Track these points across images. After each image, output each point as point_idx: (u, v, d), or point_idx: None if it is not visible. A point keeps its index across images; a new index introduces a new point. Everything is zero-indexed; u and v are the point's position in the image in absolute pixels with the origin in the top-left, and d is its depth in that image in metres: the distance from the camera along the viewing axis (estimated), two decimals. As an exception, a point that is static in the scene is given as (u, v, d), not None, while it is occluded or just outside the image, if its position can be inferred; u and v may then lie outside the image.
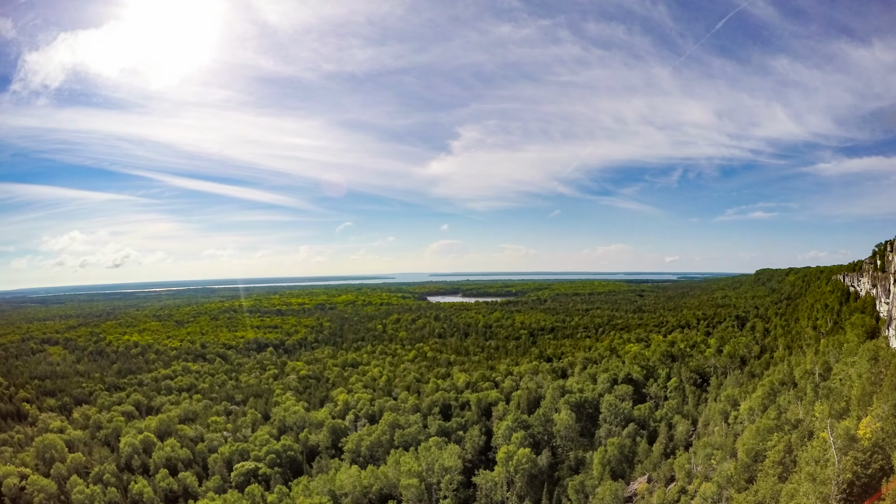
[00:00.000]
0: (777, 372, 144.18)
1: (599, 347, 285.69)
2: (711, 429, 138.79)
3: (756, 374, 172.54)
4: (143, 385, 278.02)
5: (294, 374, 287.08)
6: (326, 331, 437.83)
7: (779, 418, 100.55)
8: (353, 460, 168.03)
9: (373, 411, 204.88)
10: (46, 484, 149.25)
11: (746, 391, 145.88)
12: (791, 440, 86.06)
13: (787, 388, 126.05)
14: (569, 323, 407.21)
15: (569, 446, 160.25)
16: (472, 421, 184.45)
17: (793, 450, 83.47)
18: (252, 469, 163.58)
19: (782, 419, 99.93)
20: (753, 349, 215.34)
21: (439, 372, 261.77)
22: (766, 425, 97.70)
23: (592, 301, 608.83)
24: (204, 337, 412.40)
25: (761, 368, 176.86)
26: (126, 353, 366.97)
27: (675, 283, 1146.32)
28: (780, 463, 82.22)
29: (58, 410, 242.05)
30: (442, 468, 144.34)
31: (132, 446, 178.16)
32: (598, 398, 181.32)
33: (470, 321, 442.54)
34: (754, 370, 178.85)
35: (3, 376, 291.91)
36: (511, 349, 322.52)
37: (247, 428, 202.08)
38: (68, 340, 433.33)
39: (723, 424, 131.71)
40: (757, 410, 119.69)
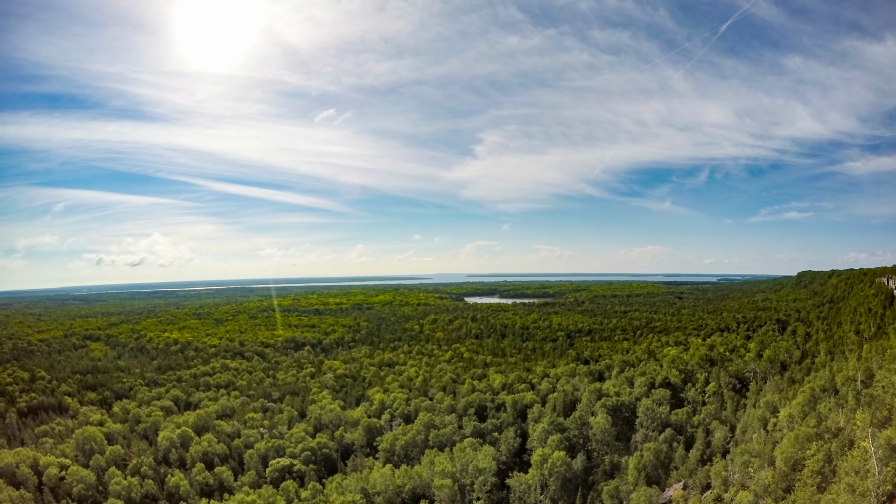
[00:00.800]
0: (818, 378, 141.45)
1: (637, 350, 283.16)
2: (749, 436, 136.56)
3: (796, 379, 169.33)
4: (182, 381, 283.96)
5: (331, 372, 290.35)
6: (364, 330, 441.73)
7: (819, 426, 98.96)
8: (388, 459, 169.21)
9: (408, 411, 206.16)
10: (85, 474, 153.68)
11: (786, 397, 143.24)
12: (831, 449, 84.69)
13: (828, 394, 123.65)
14: (606, 325, 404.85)
15: (604, 450, 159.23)
16: (507, 423, 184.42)
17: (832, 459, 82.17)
18: (287, 465, 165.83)
19: (822, 427, 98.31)
20: (794, 354, 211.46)
21: (475, 373, 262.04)
22: (806, 433, 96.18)
23: (630, 303, 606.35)
24: (242, 335, 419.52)
25: (802, 374, 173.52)
26: (166, 350, 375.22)
27: (715, 285, 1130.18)
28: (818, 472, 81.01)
29: (98, 404, 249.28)
30: (476, 469, 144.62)
31: (170, 440, 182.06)
32: (635, 402, 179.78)
33: (507, 322, 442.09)
34: (795, 376, 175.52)
35: (46, 370, 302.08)
36: (548, 351, 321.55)
37: (283, 425, 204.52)
38: (110, 337, 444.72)
39: (761, 431, 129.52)
40: (796, 418, 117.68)
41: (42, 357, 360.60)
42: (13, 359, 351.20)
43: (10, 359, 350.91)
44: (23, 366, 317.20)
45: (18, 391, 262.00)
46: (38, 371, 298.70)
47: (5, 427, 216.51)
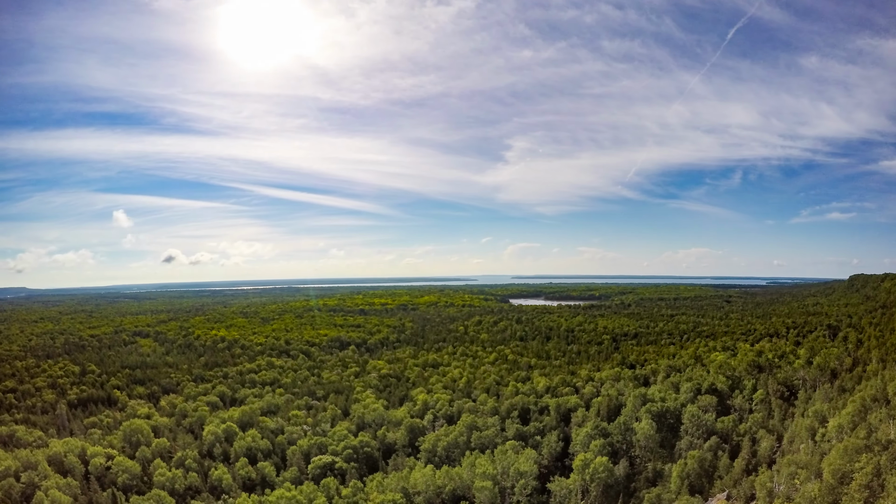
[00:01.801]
0: (869, 387, 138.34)
1: (684, 355, 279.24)
2: (797, 446, 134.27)
3: (847, 388, 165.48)
4: (228, 378, 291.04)
5: (375, 372, 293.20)
6: (408, 331, 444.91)
7: (869, 438, 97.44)
8: (429, 460, 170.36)
9: (451, 412, 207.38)
10: (131, 465, 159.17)
11: (836, 407, 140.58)
12: (880, 462, 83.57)
13: (880, 405, 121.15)
14: (653, 329, 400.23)
15: (647, 457, 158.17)
16: (550, 426, 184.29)
17: (882, 473, 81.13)
18: (329, 463, 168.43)
19: (872, 439, 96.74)
20: (845, 361, 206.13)
21: (519, 375, 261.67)
22: (855, 445, 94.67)
23: (678, 306, 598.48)
24: (288, 334, 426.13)
25: (853, 383, 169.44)
26: (213, 347, 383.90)
27: (764, 288, 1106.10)
28: (867, 486, 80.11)
29: (146, 398, 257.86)
30: (517, 472, 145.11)
31: (215, 435, 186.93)
32: (681, 408, 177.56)
33: (552, 325, 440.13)
34: (845, 384, 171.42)
35: (97, 365, 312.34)
36: (593, 354, 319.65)
37: (326, 423, 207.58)
38: (158, 333, 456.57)
39: (809, 442, 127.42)
40: (846, 428, 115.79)
41: (93, 352, 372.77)
42: (65, 353, 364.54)
43: (61, 353, 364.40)
44: (74, 360, 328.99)
45: (69, 384, 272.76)
46: (89, 365, 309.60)
47: (56, 417, 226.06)
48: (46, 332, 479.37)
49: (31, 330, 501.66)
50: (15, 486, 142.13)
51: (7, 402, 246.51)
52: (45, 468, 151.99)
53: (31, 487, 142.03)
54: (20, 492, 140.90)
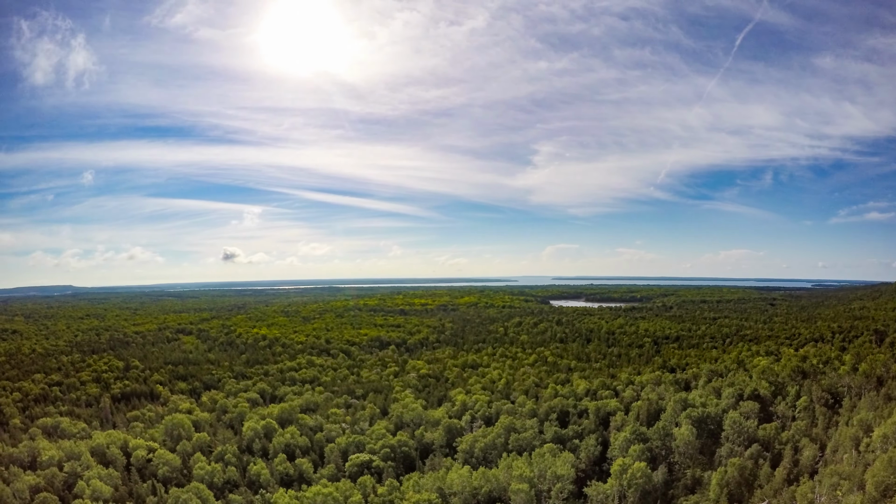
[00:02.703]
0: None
1: (726, 359, 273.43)
2: (840, 456, 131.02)
3: (893, 397, 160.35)
4: (269, 375, 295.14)
5: (414, 372, 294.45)
6: (448, 331, 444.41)
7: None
8: (466, 461, 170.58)
9: (489, 413, 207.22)
10: (171, 458, 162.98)
11: (881, 416, 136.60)
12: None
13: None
14: (695, 332, 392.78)
15: (687, 463, 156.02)
16: (588, 430, 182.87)
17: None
18: (366, 461, 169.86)
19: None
20: (892, 368, 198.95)
21: (559, 377, 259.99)
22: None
23: (720, 309, 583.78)
24: (329, 333, 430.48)
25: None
26: (254, 345, 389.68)
27: (809, 291, 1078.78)
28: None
29: (188, 393, 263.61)
30: (554, 476, 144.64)
31: (254, 431, 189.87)
32: (722, 414, 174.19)
33: (592, 326, 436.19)
34: (892, 392, 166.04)
35: (140, 360, 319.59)
36: (634, 357, 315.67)
37: (364, 421, 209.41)
38: (201, 331, 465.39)
39: (853, 452, 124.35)
40: (891, 438, 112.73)
41: (136, 348, 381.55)
42: (109, 349, 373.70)
43: (106, 349, 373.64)
44: (118, 355, 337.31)
45: (113, 378, 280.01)
46: (133, 361, 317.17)
47: (99, 410, 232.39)
48: (92, 329, 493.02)
49: (77, 326, 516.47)
50: (58, 475, 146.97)
51: (52, 394, 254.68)
52: (87, 459, 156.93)
53: (74, 477, 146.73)
54: (63, 481, 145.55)
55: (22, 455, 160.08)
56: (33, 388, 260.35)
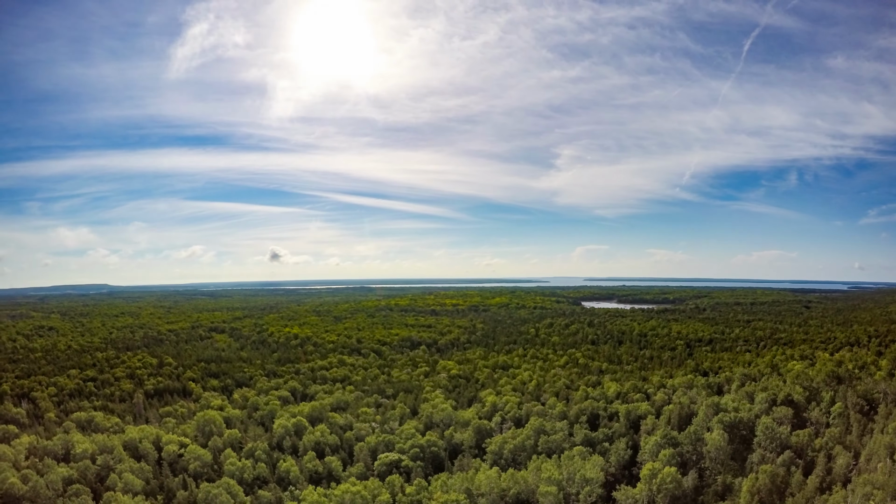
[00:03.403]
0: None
1: (760, 363, 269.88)
2: (874, 465, 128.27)
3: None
4: (300, 374, 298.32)
5: (445, 372, 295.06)
6: (479, 332, 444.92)
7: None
8: (495, 462, 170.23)
9: (519, 415, 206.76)
10: (203, 453, 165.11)
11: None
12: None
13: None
14: (728, 335, 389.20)
15: (717, 469, 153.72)
16: (619, 433, 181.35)
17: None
18: (395, 460, 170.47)
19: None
20: None
21: (590, 380, 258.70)
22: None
23: (754, 311, 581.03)
24: (360, 332, 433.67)
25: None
26: (286, 344, 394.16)
27: (845, 293, 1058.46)
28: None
29: (220, 391, 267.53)
30: (583, 479, 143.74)
31: (285, 428, 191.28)
32: (754, 419, 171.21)
33: (624, 329, 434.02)
34: None
35: (173, 357, 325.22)
36: (666, 360, 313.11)
37: (394, 421, 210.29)
38: (234, 329, 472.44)
39: (887, 461, 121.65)
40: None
41: (170, 345, 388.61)
42: (144, 346, 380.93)
43: (140, 346, 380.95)
44: (152, 352, 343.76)
45: (147, 375, 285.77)
46: (166, 358, 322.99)
47: (133, 406, 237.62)
48: (127, 326, 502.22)
49: (113, 324, 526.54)
50: (91, 467, 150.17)
51: (87, 389, 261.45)
52: (120, 452, 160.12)
53: (106, 470, 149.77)
54: (95, 473, 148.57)
55: (56, 448, 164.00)
56: (68, 383, 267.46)
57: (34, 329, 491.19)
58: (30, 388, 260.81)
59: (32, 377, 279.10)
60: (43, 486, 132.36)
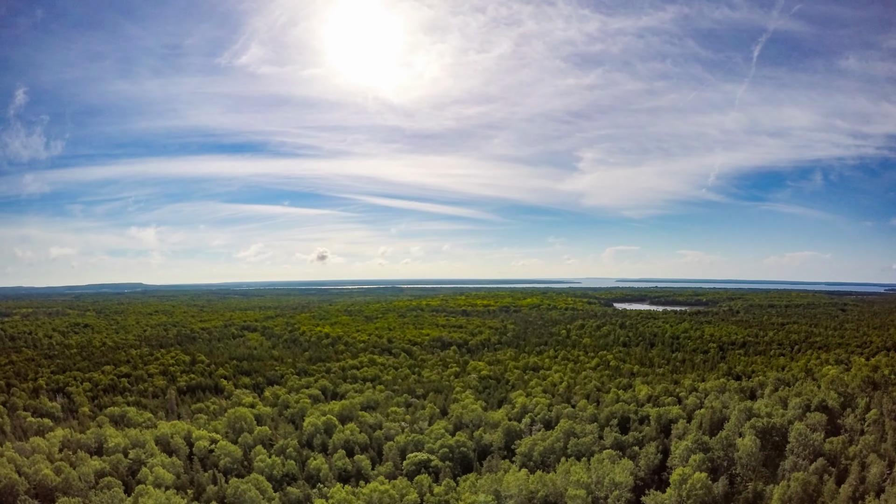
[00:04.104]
0: None
1: (794, 368, 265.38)
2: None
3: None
4: (331, 373, 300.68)
5: (475, 373, 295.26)
6: (510, 333, 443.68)
7: None
8: (524, 464, 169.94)
9: (549, 417, 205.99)
10: (233, 450, 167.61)
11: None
12: None
13: None
14: (762, 338, 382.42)
15: (749, 476, 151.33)
16: (649, 437, 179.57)
17: None
18: (424, 460, 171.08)
19: None
20: None
21: (621, 382, 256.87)
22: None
23: (789, 314, 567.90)
24: (391, 332, 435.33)
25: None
26: (317, 343, 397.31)
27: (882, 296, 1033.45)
28: None
29: (251, 388, 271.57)
30: (612, 483, 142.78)
31: (315, 426, 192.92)
32: (787, 425, 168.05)
33: (656, 330, 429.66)
34: None
35: (206, 355, 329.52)
36: (698, 363, 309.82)
37: (424, 421, 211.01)
38: (265, 328, 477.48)
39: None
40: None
41: (203, 343, 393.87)
42: (177, 343, 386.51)
43: (174, 343, 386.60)
44: (185, 350, 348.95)
45: (179, 372, 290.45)
46: (199, 355, 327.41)
47: (165, 402, 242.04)
48: (160, 324, 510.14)
49: (147, 321, 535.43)
50: (123, 461, 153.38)
51: (121, 385, 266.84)
52: (152, 447, 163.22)
53: (138, 464, 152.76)
54: (127, 467, 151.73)
55: (89, 441, 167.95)
56: (103, 378, 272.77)
57: (70, 326, 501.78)
58: (65, 383, 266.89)
59: (67, 372, 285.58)
60: (75, 477, 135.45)
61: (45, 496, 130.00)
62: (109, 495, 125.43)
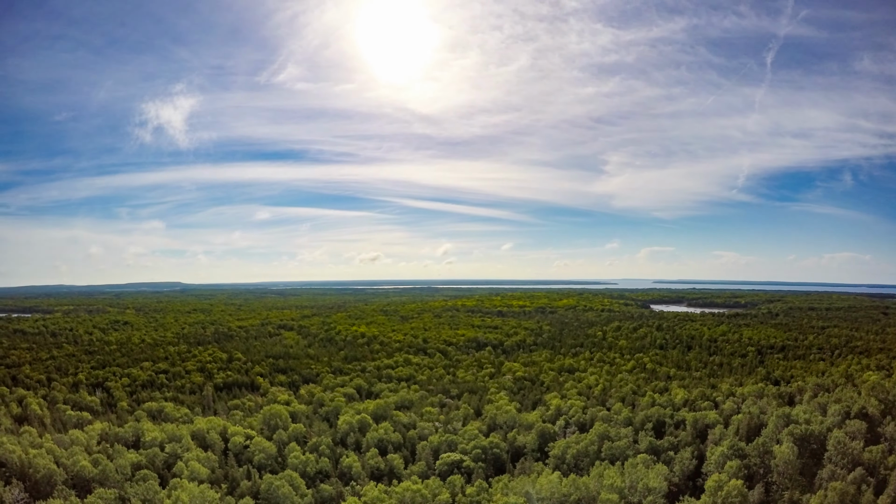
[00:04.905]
0: None
1: (834, 373, 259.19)
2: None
3: None
4: (366, 372, 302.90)
5: (510, 374, 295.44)
6: (546, 334, 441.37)
7: None
8: (557, 466, 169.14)
9: (584, 419, 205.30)
10: (268, 446, 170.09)
11: None
12: None
13: None
14: (801, 342, 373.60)
15: (785, 484, 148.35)
16: (684, 442, 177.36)
17: None
18: (457, 461, 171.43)
19: None
20: None
21: (657, 385, 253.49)
22: None
23: (829, 318, 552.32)
24: (426, 333, 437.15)
25: None
26: (353, 342, 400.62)
27: None
28: None
29: (286, 386, 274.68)
30: (646, 488, 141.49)
31: (349, 424, 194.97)
32: (826, 433, 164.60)
33: (694, 333, 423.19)
34: None
35: (243, 353, 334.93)
36: (736, 367, 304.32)
37: (458, 421, 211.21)
38: (302, 327, 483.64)
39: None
40: None
41: (240, 341, 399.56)
42: (214, 341, 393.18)
43: (211, 341, 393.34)
44: (222, 348, 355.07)
45: (216, 369, 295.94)
46: (236, 353, 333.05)
47: (202, 398, 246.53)
48: (198, 322, 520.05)
49: (185, 319, 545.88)
50: (159, 454, 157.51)
51: (159, 381, 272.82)
52: (188, 442, 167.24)
53: (174, 457, 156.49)
54: (163, 460, 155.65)
55: (127, 434, 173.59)
56: (141, 374, 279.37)
57: (110, 323, 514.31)
58: (104, 378, 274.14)
59: (107, 368, 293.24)
60: (112, 469, 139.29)
61: (82, 487, 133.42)
62: (145, 487, 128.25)
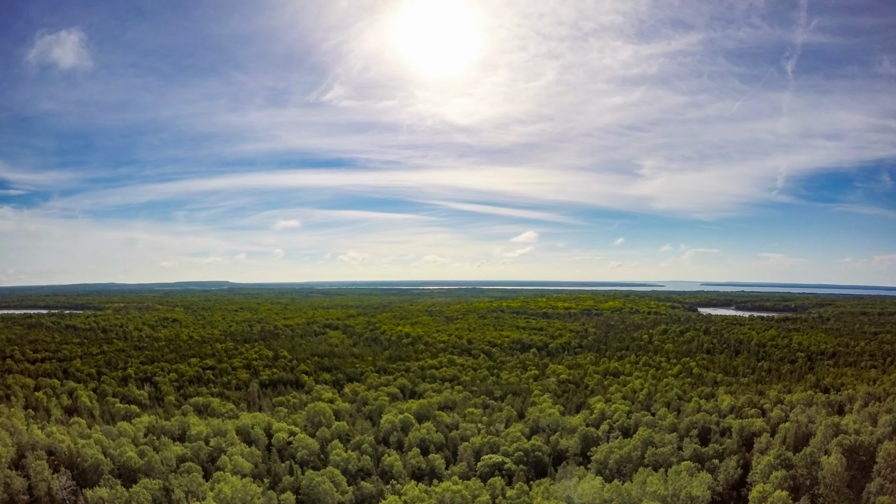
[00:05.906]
0: None
1: (886, 381, 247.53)
2: None
3: None
4: (410, 372, 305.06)
5: (554, 377, 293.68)
6: (591, 337, 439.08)
7: None
8: (599, 471, 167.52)
9: (628, 424, 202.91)
10: (311, 443, 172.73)
11: None
12: None
13: None
14: (853, 348, 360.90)
15: (832, 497, 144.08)
16: (730, 450, 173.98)
17: None
18: (498, 462, 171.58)
19: None
20: None
21: (703, 391, 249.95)
22: None
23: (882, 323, 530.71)
24: (471, 333, 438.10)
25: None
26: (398, 342, 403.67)
27: None
28: None
29: (331, 384, 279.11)
30: (688, 496, 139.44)
31: (392, 424, 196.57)
32: (876, 444, 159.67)
33: (742, 338, 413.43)
34: None
35: (288, 351, 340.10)
36: (785, 374, 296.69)
37: (500, 423, 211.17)
38: (347, 327, 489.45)
39: None
40: None
41: (286, 339, 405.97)
42: (261, 339, 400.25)
43: (258, 339, 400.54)
44: (268, 345, 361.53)
45: (262, 366, 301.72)
46: (282, 351, 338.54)
47: (247, 394, 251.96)
48: (245, 321, 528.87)
49: (232, 318, 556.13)
50: (204, 448, 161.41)
51: (206, 377, 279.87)
52: (232, 436, 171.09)
53: (218, 451, 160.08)
54: (207, 454, 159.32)
55: (173, 428, 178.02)
56: (188, 370, 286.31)
57: (159, 320, 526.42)
58: (152, 373, 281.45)
59: (155, 363, 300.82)
60: (158, 461, 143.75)
61: (128, 477, 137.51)
62: (189, 479, 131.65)
